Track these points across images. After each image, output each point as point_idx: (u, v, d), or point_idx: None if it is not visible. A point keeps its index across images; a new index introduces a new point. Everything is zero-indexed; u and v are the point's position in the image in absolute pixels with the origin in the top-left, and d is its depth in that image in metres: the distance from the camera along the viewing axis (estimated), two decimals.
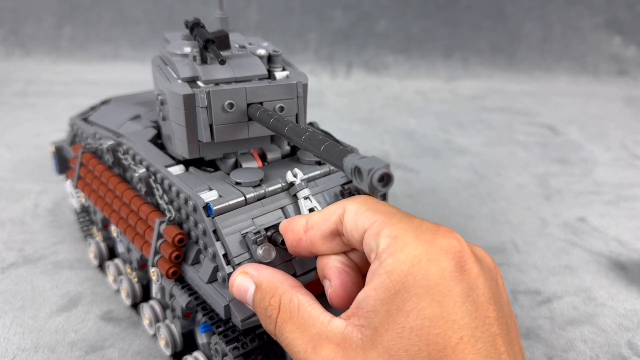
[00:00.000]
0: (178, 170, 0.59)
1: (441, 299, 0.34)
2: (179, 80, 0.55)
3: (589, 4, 1.95)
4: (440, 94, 1.76)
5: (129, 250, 0.70)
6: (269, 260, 0.49)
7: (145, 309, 0.67)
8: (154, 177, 0.59)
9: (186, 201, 0.53)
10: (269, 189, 0.54)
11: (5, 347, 0.66)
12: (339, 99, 1.69)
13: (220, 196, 0.53)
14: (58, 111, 1.48)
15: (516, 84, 1.87)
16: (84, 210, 0.86)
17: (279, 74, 0.58)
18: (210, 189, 0.54)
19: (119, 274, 0.75)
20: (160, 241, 0.56)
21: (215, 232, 0.50)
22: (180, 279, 0.57)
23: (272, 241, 0.51)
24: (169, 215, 0.56)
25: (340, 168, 0.39)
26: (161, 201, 0.57)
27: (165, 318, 0.66)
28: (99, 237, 0.80)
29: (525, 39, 1.97)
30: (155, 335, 0.67)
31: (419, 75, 1.90)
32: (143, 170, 0.60)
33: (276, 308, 0.41)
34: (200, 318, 0.58)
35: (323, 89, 1.76)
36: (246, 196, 0.53)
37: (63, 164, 0.85)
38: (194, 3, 1.93)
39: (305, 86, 0.57)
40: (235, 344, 0.53)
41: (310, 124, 0.75)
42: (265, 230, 0.51)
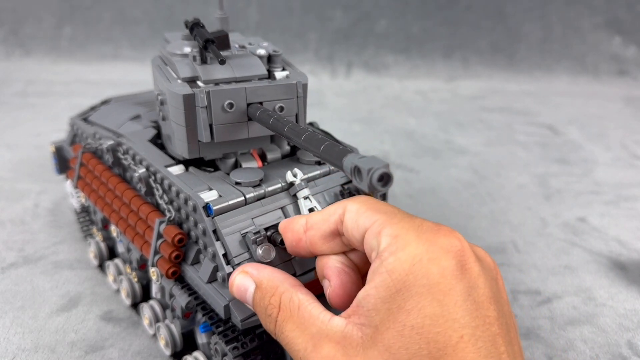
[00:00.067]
0: (178, 170, 0.59)
1: (442, 297, 0.34)
2: (179, 80, 0.55)
3: (589, 4, 1.95)
4: (440, 94, 1.76)
5: (128, 250, 0.70)
6: (268, 260, 0.49)
7: (145, 309, 0.67)
8: (153, 177, 0.59)
9: (186, 201, 0.53)
10: (269, 189, 0.54)
11: (5, 347, 0.66)
12: (339, 99, 1.69)
13: (220, 196, 0.53)
14: (58, 111, 1.48)
15: (516, 84, 1.87)
16: (84, 210, 0.86)
17: (279, 74, 0.58)
18: (210, 189, 0.54)
19: (119, 273, 0.75)
20: (160, 241, 0.56)
21: (215, 232, 0.50)
22: (180, 279, 0.57)
23: (272, 241, 0.51)
24: (168, 215, 0.56)
25: (340, 168, 0.39)
26: (161, 201, 0.57)
27: (165, 318, 0.66)
28: (99, 237, 0.80)
29: (525, 39, 1.97)
30: (155, 335, 0.67)
31: (419, 75, 1.90)
32: (143, 170, 0.60)
33: (276, 307, 0.41)
34: (200, 318, 0.59)
35: (323, 89, 1.76)
36: (246, 196, 0.53)
37: (63, 164, 0.85)
38: (194, 3, 1.93)
39: (305, 86, 0.57)
40: (235, 343, 0.53)
41: (310, 124, 0.75)
42: (265, 230, 0.51)
